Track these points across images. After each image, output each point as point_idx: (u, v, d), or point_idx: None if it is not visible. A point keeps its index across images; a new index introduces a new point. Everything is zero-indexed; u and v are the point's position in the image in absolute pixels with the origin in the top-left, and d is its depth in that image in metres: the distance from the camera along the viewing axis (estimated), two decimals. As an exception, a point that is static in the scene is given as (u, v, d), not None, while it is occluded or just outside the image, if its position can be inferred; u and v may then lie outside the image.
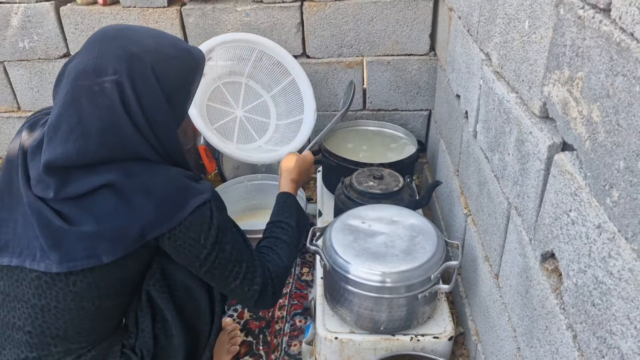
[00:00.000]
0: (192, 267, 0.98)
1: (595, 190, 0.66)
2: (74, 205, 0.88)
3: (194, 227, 0.93)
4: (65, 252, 0.87)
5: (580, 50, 0.69)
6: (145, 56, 0.88)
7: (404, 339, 1.26)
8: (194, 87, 0.99)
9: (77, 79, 0.87)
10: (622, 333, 0.60)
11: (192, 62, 0.96)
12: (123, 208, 0.88)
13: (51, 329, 0.92)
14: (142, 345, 1.03)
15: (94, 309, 0.93)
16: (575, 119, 0.71)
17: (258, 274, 1.03)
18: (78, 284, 0.89)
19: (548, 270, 0.83)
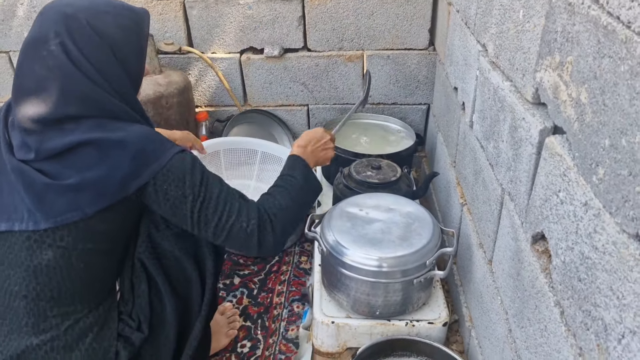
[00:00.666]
0: (182, 215, 0.98)
1: (583, 169, 0.68)
2: (56, 163, 0.92)
3: (176, 170, 0.96)
4: (50, 207, 0.91)
5: (570, 36, 0.72)
6: (79, 14, 0.94)
7: (400, 324, 1.28)
8: (140, 41, 1.02)
9: (27, 50, 0.94)
10: (605, 304, 0.63)
11: (130, 16, 1.00)
12: (103, 160, 0.92)
13: (45, 291, 0.95)
14: (139, 311, 1.06)
15: (82, 267, 0.97)
16: (565, 102, 0.74)
17: (252, 209, 1.03)
18: (65, 238, 0.93)
19: (538, 251, 0.86)
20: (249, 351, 1.36)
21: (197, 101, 2.16)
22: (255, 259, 1.71)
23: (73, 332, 0.99)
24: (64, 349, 0.98)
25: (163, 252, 1.07)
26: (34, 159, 0.92)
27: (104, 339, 1.02)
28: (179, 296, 1.10)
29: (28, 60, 0.93)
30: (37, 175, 0.91)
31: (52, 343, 0.97)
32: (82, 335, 1.00)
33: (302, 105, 2.14)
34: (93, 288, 1.01)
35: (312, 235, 1.33)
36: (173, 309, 1.08)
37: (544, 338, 0.81)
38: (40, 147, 0.92)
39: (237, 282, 1.61)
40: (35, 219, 0.92)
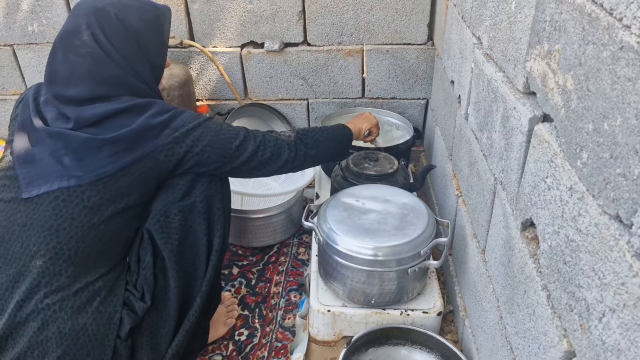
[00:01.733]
0: (222, 149, 1.12)
1: (568, 154, 0.70)
2: (94, 128, 1.02)
3: (201, 117, 1.11)
4: (90, 162, 1.00)
5: (558, 24, 0.73)
6: (108, 7, 1.07)
7: (394, 313, 1.30)
8: (161, 34, 1.15)
9: (61, 40, 1.06)
10: (588, 285, 0.64)
11: (153, 11, 1.13)
12: (136, 118, 1.03)
13: (64, 250, 1.00)
14: (144, 283, 1.10)
15: (102, 229, 1.02)
16: (552, 89, 0.75)
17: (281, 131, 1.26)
18: (92, 198, 1.00)
19: (528, 238, 0.87)
20: (246, 339, 1.38)
21: (198, 94, 2.18)
22: (254, 249, 1.73)
23: (82, 294, 1.03)
24: (72, 309, 1.01)
25: (176, 227, 1.11)
26: (73, 127, 1.01)
27: (110, 304, 1.06)
28: (184, 272, 1.14)
29: (62, 49, 1.05)
30: (77, 134, 1.00)
31: (62, 303, 1.01)
32: (90, 298, 1.03)
33: (302, 99, 2.16)
34: (107, 253, 1.06)
35: (309, 226, 1.35)
36: (176, 284, 1.12)
37: (532, 322, 0.83)
38: (79, 116, 1.01)
39: (235, 272, 1.63)
40: (75, 174, 0.99)
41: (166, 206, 1.11)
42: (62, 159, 1.00)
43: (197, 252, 1.15)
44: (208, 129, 1.10)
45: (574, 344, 0.68)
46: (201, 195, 1.14)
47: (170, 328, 1.13)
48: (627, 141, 0.55)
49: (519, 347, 0.89)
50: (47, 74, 1.06)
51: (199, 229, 1.14)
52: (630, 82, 0.54)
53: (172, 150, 1.06)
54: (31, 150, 1.03)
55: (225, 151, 1.12)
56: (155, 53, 1.14)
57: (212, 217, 1.17)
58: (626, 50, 0.55)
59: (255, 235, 1.70)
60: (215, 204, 1.17)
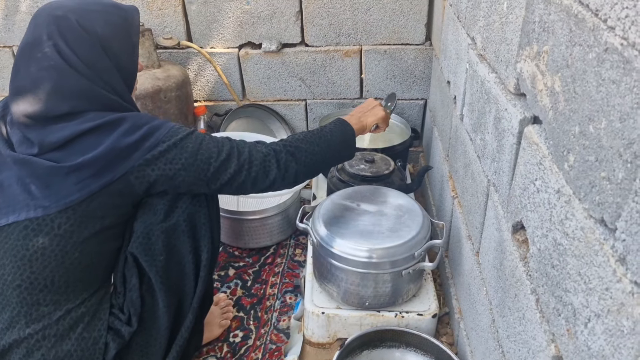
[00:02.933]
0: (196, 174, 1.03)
1: (556, 156, 0.69)
2: (60, 152, 0.96)
3: (179, 132, 1.02)
4: (57, 190, 0.94)
5: (547, 25, 0.72)
6: (69, 14, 0.99)
7: (389, 315, 1.30)
8: (129, 37, 1.07)
9: (22, 53, 0.99)
10: (574, 289, 0.63)
11: (119, 13, 1.05)
12: (104, 139, 0.96)
13: (39, 279, 0.97)
14: (130, 305, 1.08)
15: (77, 256, 0.99)
16: (541, 91, 0.75)
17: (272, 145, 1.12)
18: (62, 226, 0.96)
19: (519, 241, 0.87)
20: (241, 341, 1.38)
21: (196, 95, 2.18)
22: (250, 251, 1.73)
23: (64, 321, 1.01)
24: (55, 337, 1.00)
25: (160, 248, 1.07)
26: (38, 152, 0.96)
27: (94, 329, 1.04)
28: (173, 291, 1.11)
29: (24, 62, 0.98)
30: (42, 161, 0.95)
31: (44, 332, 0.99)
32: (73, 325, 1.02)
33: (300, 100, 2.16)
34: (86, 278, 1.03)
35: (304, 227, 1.34)
36: (165, 305, 1.10)
37: (522, 326, 0.82)
38: (44, 141, 0.95)
39: (231, 274, 1.62)
40: (42, 204, 0.94)
41: (148, 227, 1.06)
42: (29, 187, 0.95)
43: (184, 270, 1.12)
44: (184, 149, 1.01)
45: (561, 349, 0.68)
46: (184, 214, 1.08)
47: (162, 346, 1.12)
48: (611, 144, 0.54)
49: (510, 350, 0.88)
50: (11, 91, 1.00)
51: (184, 248, 1.10)
52: (614, 84, 0.54)
53: (143, 172, 0.99)
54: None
55: (201, 174, 1.03)
56: (125, 59, 1.06)
57: (197, 234, 1.12)
58: (610, 52, 0.54)
59: (251, 236, 1.69)
60: (200, 219, 1.12)
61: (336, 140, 1.20)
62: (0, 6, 2.05)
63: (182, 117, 1.97)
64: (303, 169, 1.14)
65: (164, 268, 1.08)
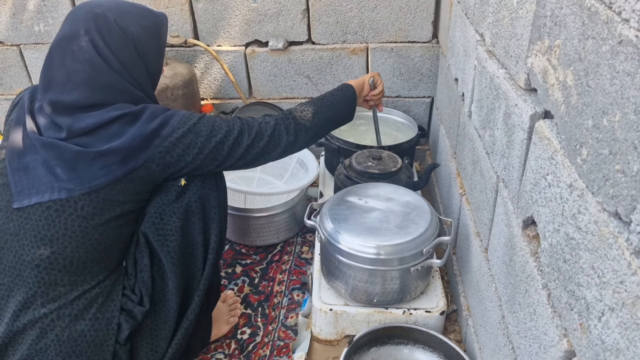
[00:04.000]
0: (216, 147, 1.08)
1: (568, 151, 0.69)
2: (87, 137, 1.00)
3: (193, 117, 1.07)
4: (83, 174, 0.98)
5: (558, 19, 0.72)
6: (108, 13, 1.05)
7: (397, 312, 1.30)
8: (159, 41, 1.14)
9: (59, 46, 1.04)
10: (587, 283, 0.63)
11: (151, 17, 1.12)
12: (128, 128, 1.01)
13: (58, 260, 1.00)
14: (141, 285, 1.10)
15: (97, 237, 1.02)
16: (552, 85, 0.74)
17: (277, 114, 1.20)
18: (85, 208, 0.99)
19: (529, 236, 0.86)
20: (249, 338, 1.38)
21: (203, 94, 2.18)
22: (257, 248, 1.73)
23: (80, 302, 1.03)
24: (70, 317, 1.02)
25: (172, 229, 1.10)
26: (66, 137, 1.00)
27: (107, 310, 1.06)
28: (182, 272, 1.14)
29: (60, 54, 1.02)
30: (69, 146, 0.99)
31: (59, 312, 1.02)
32: (88, 305, 1.04)
33: (306, 98, 2.16)
34: (103, 260, 1.06)
35: (312, 224, 1.34)
36: (175, 286, 1.12)
37: (532, 321, 0.82)
38: (73, 126, 1.00)
39: (238, 271, 1.63)
40: (67, 187, 0.98)
41: (160, 208, 1.09)
42: (54, 170, 0.99)
43: (194, 252, 1.15)
44: (198, 134, 1.06)
45: (573, 344, 0.67)
46: (195, 195, 1.12)
47: (170, 329, 1.13)
48: (626, 137, 0.54)
49: (520, 346, 0.88)
50: (43, 80, 1.04)
51: (195, 229, 1.13)
52: (629, 76, 0.53)
53: (163, 159, 1.04)
54: (24, 158, 1.02)
55: (218, 154, 1.09)
56: (153, 60, 1.13)
57: (207, 215, 1.15)
58: (625, 45, 0.54)
59: (258, 234, 1.70)
60: (210, 202, 1.15)
61: (340, 100, 1.31)
62: (8, 5, 2.06)
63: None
64: (311, 131, 1.22)
65: (175, 249, 1.11)
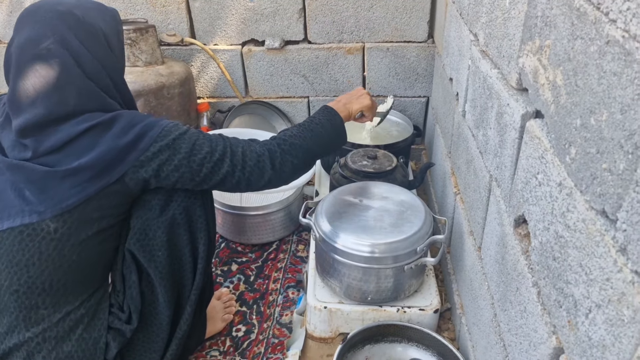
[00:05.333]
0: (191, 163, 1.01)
1: (558, 150, 0.70)
2: (55, 155, 0.94)
3: (173, 130, 1.00)
4: (53, 195, 0.92)
5: (549, 20, 0.73)
6: (74, 10, 0.98)
7: (391, 310, 1.30)
8: (119, 35, 1.09)
9: (22, 52, 0.94)
10: (575, 281, 0.64)
11: (108, 12, 1.07)
12: (99, 141, 0.94)
13: (37, 284, 0.96)
14: (130, 302, 1.08)
15: (75, 259, 0.97)
16: (543, 85, 0.75)
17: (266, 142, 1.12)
18: (59, 230, 0.94)
19: (521, 235, 0.87)
20: (244, 335, 1.39)
21: (199, 92, 2.19)
22: (253, 246, 1.73)
23: (64, 323, 1.00)
24: (55, 340, 1.00)
25: (158, 244, 1.07)
26: (31, 157, 0.94)
27: (94, 329, 1.04)
28: (172, 285, 1.12)
29: (25, 60, 0.94)
30: (36, 167, 0.92)
31: (44, 334, 0.99)
32: (73, 326, 1.01)
33: (302, 97, 2.17)
34: (84, 280, 1.02)
35: (306, 222, 1.35)
36: (165, 299, 1.10)
37: (523, 319, 0.83)
38: (39, 147, 0.93)
39: (234, 269, 1.63)
40: (37, 209, 0.92)
41: (144, 224, 1.05)
42: (23, 192, 0.93)
43: (182, 264, 1.12)
44: (177, 150, 0.99)
45: (562, 340, 0.68)
46: (180, 207, 1.08)
47: (163, 341, 1.12)
48: (612, 136, 0.55)
49: (511, 344, 0.89)
50: (9, 93, 0.96)
51: (181, 241, 1.10)
52: (615, 76, 0.54)
53: (137, 173, 0.97)
54: None
55: (195, 174, 1.02)
56: (120, 57, 1.09)
57: (194, 226, 1.12)
58: (612, 45, 0.55)
59: (254, 232, 1.70)
60: (196, 211, 1.11)
61: (327, 131, 1.20)
62: (5, 3, 2.06)
63: (185, 114, 1.98)
64: (298, 165, 1.14)
65: (162, 263, 1.08)
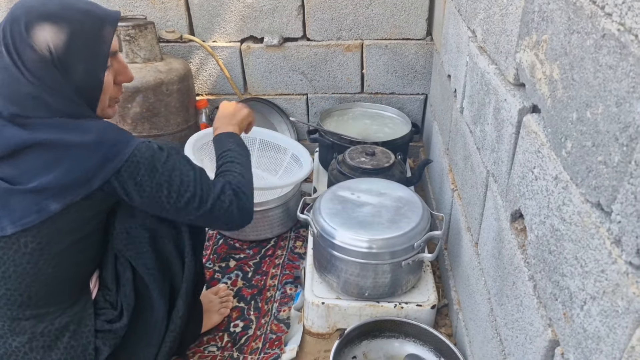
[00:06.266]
0: (159, 203, 0.99)
1: (554, 144, 0.70)
2: (10, 166, 0.90)
3: (143, 160, 0.95)
4: (14, 211, 0.90)
5: (546, 15, 0.73)
6: (21, 17, 0.90)
7: (388, 305, 1.31)
8: (92, 47, 0.95)
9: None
10: (571, 273, 0.64)
11: (83, 20, 0.93)
12: (60, 161, 0.90)
13: (15, 296, 0.95)
14: (124, 299, 1.08)
15: (51, 271, 0.95)
16: (540, 80, 0.76)
17: (222, 186, 1.07)
18: (29, 245, 0.92)
19: (517, 229, 0.88)
20: (242, 331, 1.39)
21: (198, 89, 2.19)
22: (251, 243, 1.74)
23: (50, 333, 1.00)
24: (43, 349, 1.00)
25: (142, 242, 1.07)
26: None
27: (81, 336, 1.03)
28: (162, 279, 1.12)
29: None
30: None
31: (31, 344, 0.99)
32: (59, 335, 1.01)
33: (301, 94, 2.17)
34: (65, 290, 1.01)
35: (304, 218, 1.35)
36: (159, 293, 1.10)
37: (519, 313, 0.83)
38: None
39: (232, 265, 1.64)
40: (1, 224, 0.90)
41: (126, 224, 1.05)
42: None
43: (169, 259, 1.13)
44: (142, 188, 0.96)
45: (557, 333, 0.69)
46: None
47: (160, 334, 1.13)
48: (608, 129, 0.55)
49: (508, 338, 0.89)
50: None
51: (164, 236, 1.10)
52: (611, 69, 0.54)
53: (101, 195, 0.95)
54: None
55: (157, 211, 1.01)
56: (84, 71, 0.94)
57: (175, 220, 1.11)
58: (608, 38, 0.55)
59: (252, 228, 1.71)
60: None
61: (246, 154, 1.23)
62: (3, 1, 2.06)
63: (184, 110, 1.98)
64: (252, 200, 1.14)
65: (149, 259, 1.08)
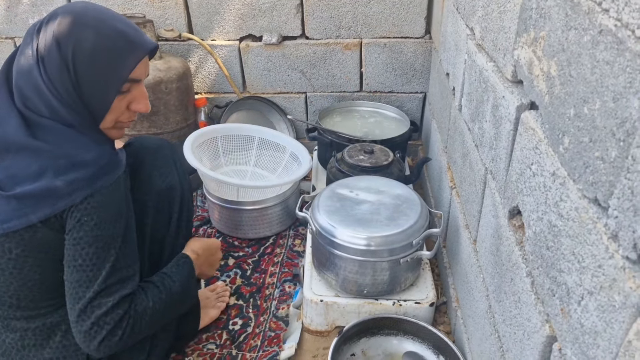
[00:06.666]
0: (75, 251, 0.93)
1: (552, 140, 0.71)
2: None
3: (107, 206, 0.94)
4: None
5: (543, 11, 0.73)
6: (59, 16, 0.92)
7: (387, 303, 1.31)
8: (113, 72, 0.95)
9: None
10: (568, 269, 0.65)
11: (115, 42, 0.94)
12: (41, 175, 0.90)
13: (4, 298, 0.96)
14: None
15: (38, 277, 0.95)
16: (537, 76, 0.76)
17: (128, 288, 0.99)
18: (13, 250, 0.92)
19: (515, 226, 0.88)
20: (240, 328, 1.39)
21: (197, 88, 2.19)
22: (250, 241, 1.74)
23: (41, 331, 1.00)
24: (35, 347, 1.00)
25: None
26: None
27: (73, 335, 1.00)
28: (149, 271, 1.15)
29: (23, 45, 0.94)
30: None
31: (23, 342, 0.99)
32: (50, 333, 1.00)
33: (300, 92, 2.17)
34: (54, 294, 0.99)
35: (303, 216, 1.35)
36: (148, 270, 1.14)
37: (517, 309, 0.84)
38: None
39: (231, 263, 1.64)
40: None
41: None
42: None
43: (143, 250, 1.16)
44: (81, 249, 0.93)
45: (555, 329, 0.69)
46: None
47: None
48: (605, 124, 0.55)
49: (506, 334, 0.89)
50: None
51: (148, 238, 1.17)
52: (608, 65, 0.55)
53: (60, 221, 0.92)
54: None
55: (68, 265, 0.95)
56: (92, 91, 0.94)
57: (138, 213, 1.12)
58: (605, 34, 0.55)
59: (251, 226, 1.71)
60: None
61: (179, 298, 1.11)
62: None
63: (183, 109, 1.98)
64: (133, 339, 1.02)
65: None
